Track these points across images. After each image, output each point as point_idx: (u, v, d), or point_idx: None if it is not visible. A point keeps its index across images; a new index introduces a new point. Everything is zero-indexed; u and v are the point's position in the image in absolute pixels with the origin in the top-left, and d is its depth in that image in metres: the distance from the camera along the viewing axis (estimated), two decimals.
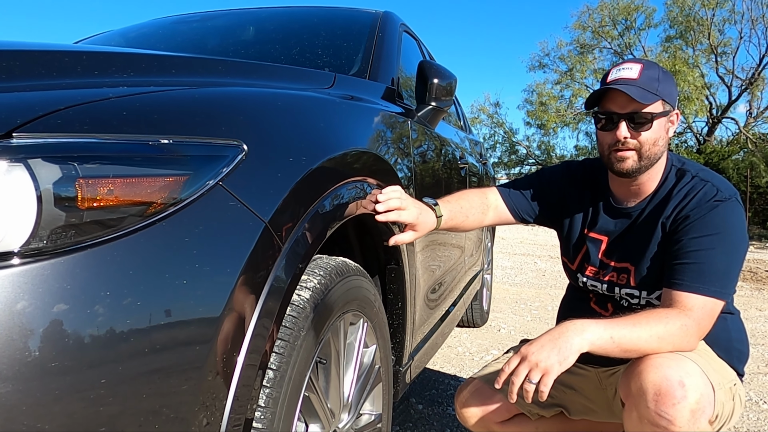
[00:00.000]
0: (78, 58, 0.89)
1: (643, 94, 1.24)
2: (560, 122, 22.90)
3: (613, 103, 1.28)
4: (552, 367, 1.10)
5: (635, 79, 1.25)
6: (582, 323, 1.15)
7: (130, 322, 0.65)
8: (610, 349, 1.14)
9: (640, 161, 1.29)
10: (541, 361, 1.11)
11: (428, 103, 1.73)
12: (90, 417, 0.62)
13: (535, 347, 1.13)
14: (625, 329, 1.14)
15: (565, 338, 1.12)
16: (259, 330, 0.81)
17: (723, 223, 1.24)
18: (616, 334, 1.13)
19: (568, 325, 1.15)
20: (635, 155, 1.28)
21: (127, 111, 0.74)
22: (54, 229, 0.61)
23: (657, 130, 1.28)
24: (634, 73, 1.26)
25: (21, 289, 0.59)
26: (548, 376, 1.10)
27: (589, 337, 1.12)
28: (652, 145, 1.28)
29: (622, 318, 1.18)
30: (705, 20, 19.09)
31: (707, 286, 1.20)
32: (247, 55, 1.92)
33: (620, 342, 1.13)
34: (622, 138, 1.27)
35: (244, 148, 0.83)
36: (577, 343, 1.12)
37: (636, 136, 1.27)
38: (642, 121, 1.26)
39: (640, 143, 1.27)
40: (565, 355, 1.11)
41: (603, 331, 1.13)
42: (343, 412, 1.19)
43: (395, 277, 1.45)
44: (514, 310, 4.34)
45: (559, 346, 1.11)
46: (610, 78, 1.29)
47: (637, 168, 1.30)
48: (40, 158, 0.62)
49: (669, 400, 1.09)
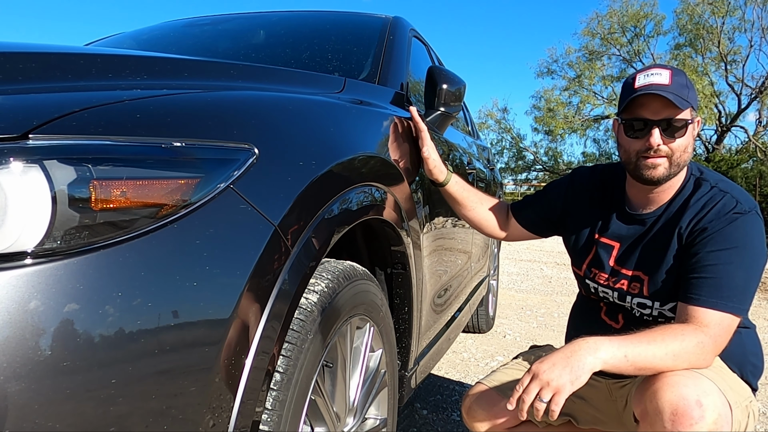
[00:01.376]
0: (92, 61, 0.91)
1: (678, 99, 1.21)
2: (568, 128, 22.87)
3: (645, 110, 1.25)
4: (564, 387, 1.08)
5: (667, 85, 1.22)
6: (595, 341, 1.12)
7: (140, 323, 0.65)
8: (623, 368, 1.12)
9: (671, 168, 1.26)
10: (553, 380, 1.09)
11: (437, 108, 1.73)
12: (100, 416, 0.62)
13: (547, 365, 1.11)
14: (640, 347, 1.12)
15: (577, 357, 1.10)
16: (267, 333, 0.81)
17: (742, 237, 1.20)
18: (630, 352, 1.11)
19: (580, 343, 1.13)
20: (666, 162, 1.26)
21: (140, 114, 0.75)
22: (68, 230, 0.62)
23: (687, 137, 1.26)
24: (665, 79, 1.23)
25: (34, 289, 0.59)
26: (559, 395, 1.08)
27: (602, 356, 1.10)
28: (683, 152, 1.26)
29: (636, 335, 1.15)
30: (715, 28, 19.03)
31: (725, 301, 1.17)
32: (258, 59, 1.93)
33: (634, 360, 1.11)
34: (655, 145, 1.23)
35: (255, 152, 0.83)
36: (590, 362, 1.09)
37: (669, 142, 1.24)
38: (677, 127, 1.24)
39: (672, 150, 1.25)
40: (578, 375, 1.09)
41: (617, 349, 1.11)
42: (349, 416, 1.19)
43: (402, 281, 1.45)
44: (519, 317, 4.33)
45: (572, 365, 1.09)
46: (638, 83, 1.25)
47: (668, 175, 1.27)
48: (55, 160, 0.62)
49: (686, 420, 1.06)
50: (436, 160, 1.56)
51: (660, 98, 1.22)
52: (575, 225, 1.50)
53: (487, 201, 1.64)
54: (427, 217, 1.65)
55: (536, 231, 1.61)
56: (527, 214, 1.60)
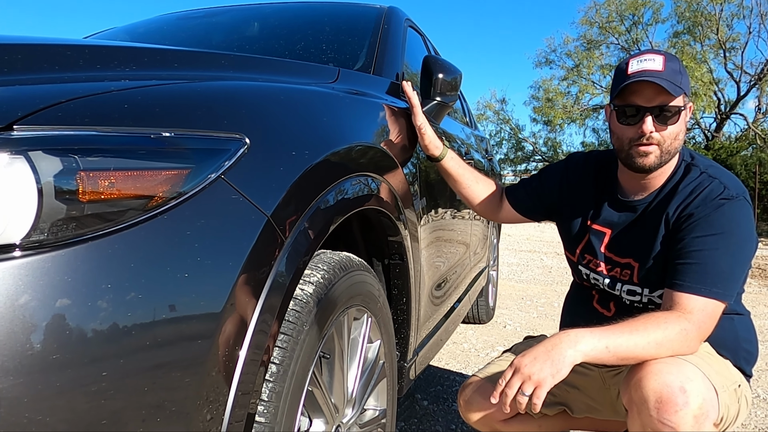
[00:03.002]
0: (80, 52, 0.89)
1: (671, 86, 1.20)
2: (567, 118, 22.82)
3: (638, 96, 1.23)
4: (545, 380, 1.09)
5: (661, 71, 1.21)
6: (576, 334, 1.13)
7: (131, 316, 0.64)
8: (606, 359, 1.12)
9: (662, 156, 1.26)
10: (534, 373, 1.09)
11: (433, 98, 1.72)
12: (92, 411, 0.62)
13: (528, 359, 1.12)
14: (622, 337, 1.12)
15: (558, 350, 1.10)
16: (261, 325, 0.80)
17: (728, 222, 1.20)
18: (612, 343, 1.11)
19: (561, 336, 1.13)
20: (657, 150, 1.25)
21: (128, 104, 0.74)
22: (55, 222, 0.61)
23: (680, 124, 1.25)
24: (658, 65, 1.22)
25: (22, 282, 0.58)
26: (541, 389, 1.09)
27: (582, 348, 1.10)
28: (674, 140, 1.25)
29: (618, 325, 1.15)
30: (713, 15, 18.93)
31: (708, 287, 1.16)
32: (252, 51, 1.91)
33: (616, 351, 1.11)
34: (647, 132, 1.22)
35: (247, 142, 0.82)
36: (570, 355, 1.10)
37: (661, 129, 1.23)
38: (669, 115, 1.22)
39: (663, 138, 1.24)
40: (558, 368, 1.09)
41: (597, 341, 1.11)
42: (347, 407, 1.18)
43: (400, 272, 1.45)
44: (520, 307, 4.33)
45: (552, 359, 1.10)
46: (631, 69, 1.23)
47: (659, 163, 1.27)
48: (40, 151, 0.61)
49: (671, 407, 1.06)
50: (431, 135, 1.56)
51: (653, 85, 1.21)
52: (569, 211, 1.49)
53: (482, 180, 1.64)
54: (425, 207, 1.64)
55: (528, 215, 1.61)
56: (521, 197, 1.60)
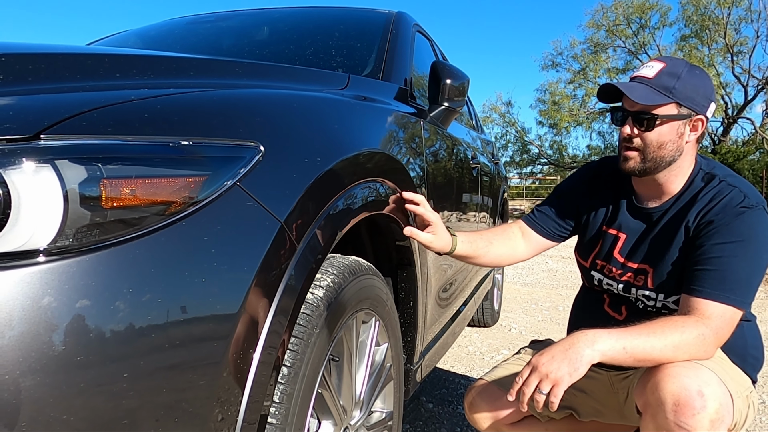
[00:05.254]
0: (101, 61, 0.92)
1: (647, 95, 1.23)
2: (573, 122, 22.77)
3: (625, 100, 1.29)
4: (562, 379, 1.09)
5: (649, 79, 1.25)
6: (594, 333, 1.13)
7: (150, 319, 0.67)
8: (622, 360, 1.12)
9: (645, 162, 1.28)
10: (551, 372, 1.10)
11: (441, 103, 1.74)
12: (111, 410, 0.64)
13: (546, 358, 1.13)
14: (639, 339, 1.12)
15: (575, 349, 1.11)
16: (274, 327, 0.82)
17: (748, 230, 1.21)
18: (629, 344, 1.12)
19: (579, 335, 1.14)
20: (638, 156, 1.28)
21: (148, 113, 0.76)
22: (79, 228, 0.63)
23: (665, 133, 1.25)
24: (651, 72, 1.26)
25: (48, 286, 0.61)
26: (558, 387, 1.09)
27: (600, 347, 1.11)
28: (657, 148, 1.26)
29: (635, 327, 1.16)
30: (721, 19, 18.86)
31: (728, 294, 1.17)
32: (262, 56, 1.94)
33: (633, 352, 1.12)
34: (626, 134, 1.28)
35: (261, 149, 0.84)
36: (588, 354, 1.10)
37: (640, 135, 1.26)
38: (645, 120, 1.25)
39: (644, 144, 1.26)
40: (576, 367, 1.10)
41: (615, 341, 1.12)
42: (355, 410, 1.20)
43: (407, 276, 1.46)
44: (525, 310, 4.34)
45: (570, 357, 1.10)
46: (633, 74, 1.31)
47: (642, 169, 1.29)
48: (66, 159, 0.64)
49: (689, 410, 1.07)
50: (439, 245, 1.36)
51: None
52: (586, 218, 1.50)
53: (496, 236, 1.53)
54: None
55: (556, 238, 1.56)
56: (546, 224, 1.55)
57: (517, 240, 1.56)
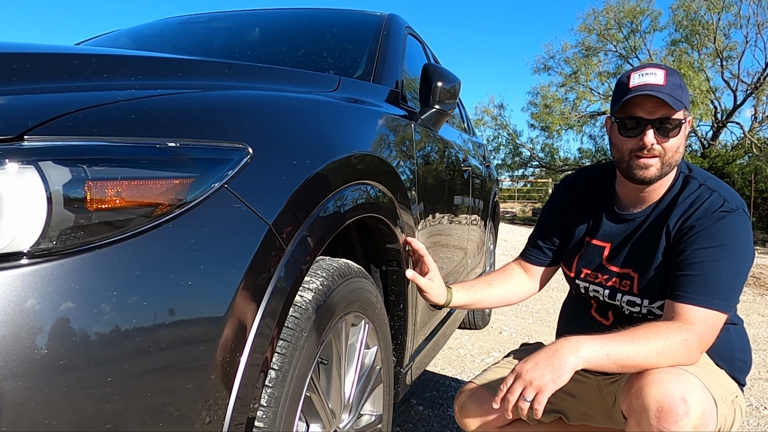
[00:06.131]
0: (87, 61, 0.91)
1: (673, 100, 1.22)
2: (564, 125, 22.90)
3: (639, 109, 1.25)
4: (546, 386, 1.10)
5: (662, 86, 1.23)
6: (577, 340, 1.14)
7: (136, 322, 0.66)
8: (606, 366, 1.13)
9: (662, 168, 1.27)
10: (535, 379, 1.11)
11: (432, 106, 1.74)
12: (96, 414, 0.63)
13: (530, 365, 1.13)
14: (623, 345, 1.13)
15: (559, 356, 1.12)
16: (261, 330, 0.82)
17: (729, 234, 1.21)
18: (613, 350, 1.12)
19: (563, 342, 1.15)
20: (659, 162, 1.26)
21: (135, 114, 0.75)
22: (63, 230, 0.63)
23: (680, 137, 1.27)
24: (660, 79, 1.23)
25: (30, 288, 0.60)
26: (542, 394, 1.10)
27: (583, 354, 1.11)
28: (675, 152, 1.26)
29: (619, 333, 1.16)
30: (710, 24, 19.06)
31: (711, 299, 1.18)
32: (253, 57, 1.93)
33: (617, 359, 1.12)
34: (648, 144, 1.24)
35: (249, 152, 0.84)
36: (571, 361, 1.11)
37: (662, 142, 1.25)
38: (670, 127, 1.24)
39: (664, 150, 1.25)
40: (559, 374, 1.10)
41: (599, 348, 1.12)
42: (344, 413, 1.20)
43: (397, 278, 1.46)
44: (515, 313, 4.35)
45: (553, 365, 1.11)
46: (633, 83, 1.25)
47: (659, 175, 1.28)
48: (50, 161, 0.63)
49: (671, 417, 1.07)
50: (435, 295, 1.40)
51: (655, 98, 1.22)
52: (570, 230, 1.50)
53: (494, 278, 1.56)
54: (422, 214, 1.66)
55: (557, 261, 1.56)
56: (541, 255, 1.57)
57: (521, 277, 1.58)
